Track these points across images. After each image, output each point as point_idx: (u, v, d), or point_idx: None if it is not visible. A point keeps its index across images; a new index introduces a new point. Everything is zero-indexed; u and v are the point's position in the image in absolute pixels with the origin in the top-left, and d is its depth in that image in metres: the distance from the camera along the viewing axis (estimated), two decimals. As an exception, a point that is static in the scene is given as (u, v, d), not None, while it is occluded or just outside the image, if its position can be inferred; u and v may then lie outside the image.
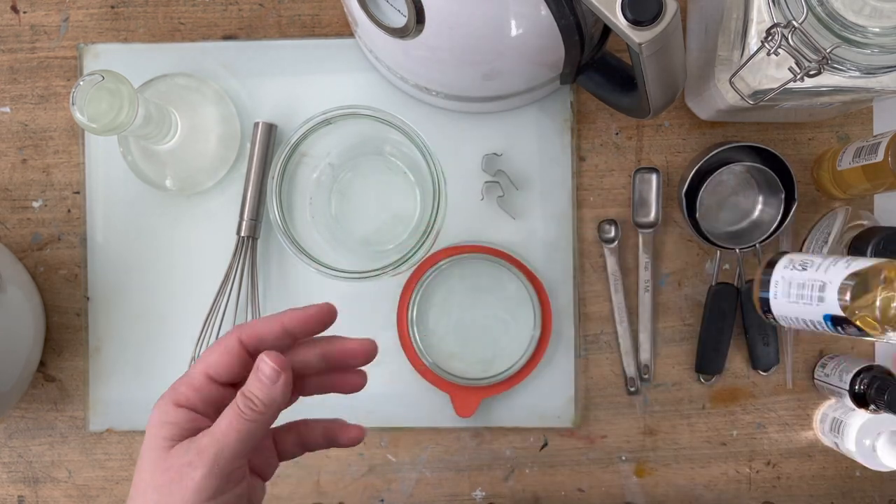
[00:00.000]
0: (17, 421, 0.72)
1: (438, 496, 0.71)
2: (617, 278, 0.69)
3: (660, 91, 0.54)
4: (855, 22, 0.49)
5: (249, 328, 0.44)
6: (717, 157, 0.66)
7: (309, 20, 0.71)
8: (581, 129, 0.70)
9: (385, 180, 0.69)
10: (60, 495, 0.72)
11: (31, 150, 0.71)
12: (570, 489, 0.71)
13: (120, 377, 0.70)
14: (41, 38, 0.71)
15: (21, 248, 0.71)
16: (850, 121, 0.70)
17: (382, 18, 0.55)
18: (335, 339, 0.47)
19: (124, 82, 0.57)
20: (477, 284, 0.69)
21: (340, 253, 0.66)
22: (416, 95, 0.67)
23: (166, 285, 0.70)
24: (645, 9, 0.45)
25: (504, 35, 0.54)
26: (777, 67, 0.53)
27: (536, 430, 0.71)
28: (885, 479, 0.71)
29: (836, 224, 0.66)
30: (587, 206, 0.70)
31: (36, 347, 0.67)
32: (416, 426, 0.70)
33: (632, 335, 0.70)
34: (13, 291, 0.63)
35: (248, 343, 0.44)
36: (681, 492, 0.71)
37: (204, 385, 0.44)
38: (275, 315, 0.45)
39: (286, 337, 0.45)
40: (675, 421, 0.71)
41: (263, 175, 0.67)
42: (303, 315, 0.45)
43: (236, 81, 0.69)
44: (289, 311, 0.45)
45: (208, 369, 0.44)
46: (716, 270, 0.69)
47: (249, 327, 0.44)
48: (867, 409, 0.63)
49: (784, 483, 0.71)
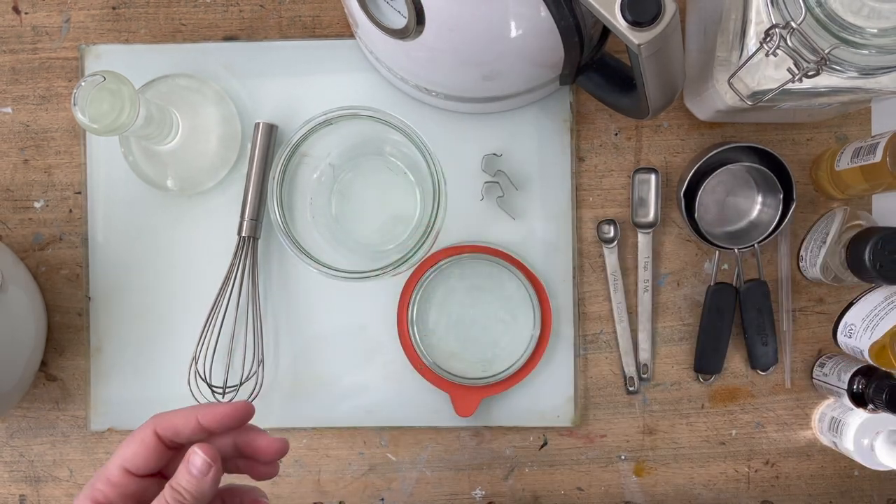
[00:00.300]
0: (19, 420, 0.72)
1: (438, 495, 0.72)
2: (616, 278, 0.70)
3: (659, 92, 0.54)
4: (853, 23, 0.49)
5: (166, 420, 0.44)
6: (715, 157, 0.66)
7: (309, 21, 0.71)
8: (580, 130, 0.70)
9: (385, 180, 0.69)
10: (62, 494, 0.72)
11: (33, 150, 0.71)
12: (570, 488, 0.71)
13: (121, 377, 0.70)
14: (43, 39, 0.71)
15: (23, 248, 0.72)
16: (848, 121, 0.70)
17: (382, 19, 0.55)
18: (250, 432, 0.47)
19: (126, 83, 0.58)
20: (477, 284, 0.69)
21: (340, 253, 0.66)
22: (416, 96, 0.67)
23: (167, 285, 0.70)
24: (644, 10, 0.45)
25: (504, 36, 0.54)
26: (775, 68, 0.53)
27: (536, 429, 0.71)
28: (883, 479, 0.71)
29: (834, 224, 0.66)
30: (586, 206, 0.70)
31: (37, 347, 0.67)
32: (415, 426, 0.71)
33: (631, 335, 0.70)
34: (15, 291, 0.63)
35: (163, 435, 0.44)
36: (680, 491, 0.71)
37: (121, 479, 0.44)
38: (191, 409, 0.45)
39: (202, 431, 0.44)
40: (674, 420, 0.71)
41: (264, 175, 0.68)
42: (219, 413, 0.44)
43: (237, 82, 0.70)
44: (205, 407, 0.45)
45: (125, 462, 0.44)
46: (714, 270, 0.69)
47: (165, 419, 0.44)
48: (865, 409, 0.64)
49: (783, 482, 0.71)
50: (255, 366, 0.68)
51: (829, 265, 0.66)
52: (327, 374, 0.70)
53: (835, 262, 0.65)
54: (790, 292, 0.70)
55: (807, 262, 0.69)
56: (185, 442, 0.44)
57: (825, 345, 0.71)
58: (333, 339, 0.70)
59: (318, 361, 0.70)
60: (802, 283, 0.70)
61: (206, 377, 0.68)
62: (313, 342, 0.70)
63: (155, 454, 0.44)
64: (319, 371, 0.70)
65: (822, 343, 0.71)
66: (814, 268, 0.67)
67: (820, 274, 0.67)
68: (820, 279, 0.67)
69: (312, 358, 0.70)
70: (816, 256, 0.67)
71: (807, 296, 0.70)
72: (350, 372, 0.70)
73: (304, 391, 0.70)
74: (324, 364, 0.70)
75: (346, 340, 0.70)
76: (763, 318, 0.68)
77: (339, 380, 0.70)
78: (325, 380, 0.70)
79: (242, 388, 0.68)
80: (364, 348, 0.70)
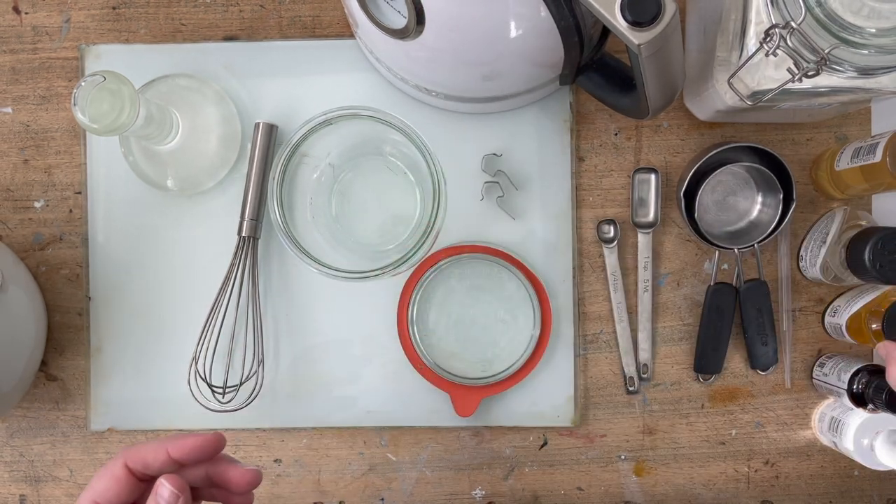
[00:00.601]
0: (19, 420, 0.72)
1: (438, 495, 0.72)
2: (616, 278, 0.70)
3: (659, 92, 0.54)
4: (853, 23, 0.49)
5: (136, 453, 0.44)
6: (715, 157, 0.66)
7: (309, 21, 0.71)
8: (580, 130, 0.70)
9: (385, 180, 0.69)
10: (62, 494, 0.72)
11: (33, 150, 0.71)
12: (570, 488, 0.71)
13: (121, 376, 0.70)
14: (43, 39, 0.71)
15: (23, 248, 0.72)
16: (848, 121, 0.70)
17: (382, 19, 0.55)
18: (222, 463, 0.47)
19: (126, 83, 0.58)
20: (477, 284, 0.69)
21: (340, 253, 0.66)
22: (416, 96, 0.67)
23: (167, 285, 0.70)
24: (644, 10, 0.45)
25: (504, 36, 0.54)
26: (775, 68, 0.53)
27: (536, 429, 0.71)
28: (883, 479, 0.71)
29: (834, 224, 0.66)
30: (586, 206, 0.70)
31: (38, 347, 0.67)
32: (415, 425, 0.71)
33: (631, 335, 0.70)
34: (15, 291, 0.63)
35: (134, 468, 0.44)
36: (680, 491, 0.71)
37: None
38: (161, 441, 0.45)
39: (172, 464, 0.45)
40: (673, 420, 0.71)
41: (264, 175, 0.68)
42: (188, 445, 0.45)
43: (237, 82, 0.70)
44: (175, 439, 0.45)
45: (96, 497, 0.44)
46: (714, 270, 0.69)
47: (135, 452, 0.44)
48: (865, 409, 0.64)
49: (782, 482, 0.71)
50: (256, 366, 0.68)
51: (829, 265, 0.66)
52: (327, 373, 0.70)
53: (835, 262, 0.65)
54: (790, 292, 0.70)
55: (807, 262, 0.69)
56: (155, 474, 0.44)
57: (825, 345, 0.71)
58: (333, 339, 0.70)
59: (318, 361, 0.70)
60: (802, 283, 0.70)
61: (206, 377, 0.68)
62: (313, 342, 0.70)
63: (126, 488, 0.44)
64: (319, 371, 0.70)
65: (822, 343, 0.71)
66: (814, 268, 0.67)
67: (820, 274, 0.67)
68: (820, 279, 0.67)
69: (312, 358, 0.70)
70: (816, 256, 0.67)
71: (807, 296, 0.70)
72: (350, 372, 0.70)
73: (305, 391, 0.70)
74: (324, 364, 0.70)
75: (346, 340, 0.70)
76: (763, 317, 0.68)
77: (339, 380, 0.70)
78: (325, 380, 0.70)
79: (242, 388, 0.68)
80: (364, 348, 0.70)
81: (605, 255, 0.70)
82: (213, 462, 0.46)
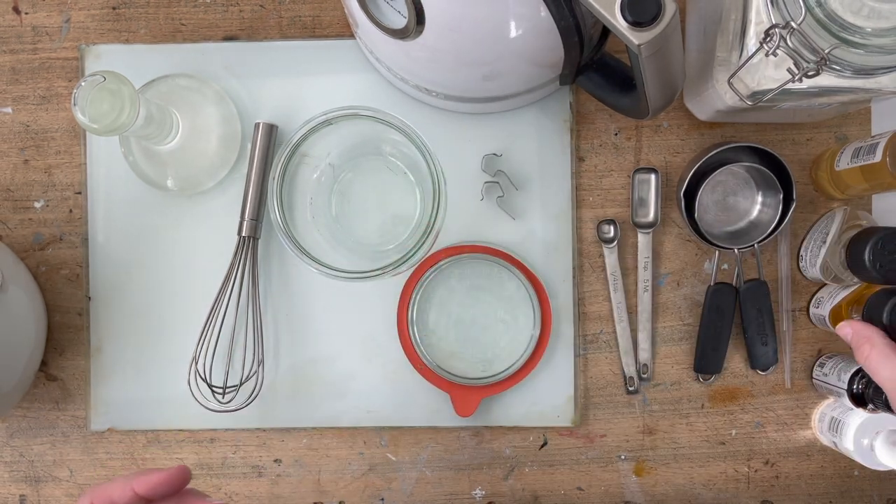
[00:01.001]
0: (19, 420, 0.72)
1: (438, 495, 0.72)
2: (616, 278, 0.70)
3: (659, 92, 0.54)
4: (853, 23, 0.49)
5: (101, 492, 0.45)
6: (715, 157, 0.66)
7: (309, 21, 0.71)
8: (580, 130, 0.70)
9: (385, 180, 0.69)
10: (62, 494, 0.72)
11: (33, 150, 0.71)
12: (570, 488, 0.71)
13: (121, 376, 0.70)
14: (43, 39, 0.71)
15: (23, 248, 0.72)
16: (848, 121, 0.70)
17: (382, 20, 0.55)
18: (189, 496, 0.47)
19: (126, 83, 0.58)
20: (476, 284, 0.69)
21: (340, 253, 0.66)
22: (416, 96, 0.67)
23: (167, 285, 0.70)
24: (644, 10, 0.45)
25: (504, 36, 0.54)
26: (775, 68, 0.53)
27: (536, 429, 0.71)
28: (883, 479, 0.71)
29: (834, 224, 0.66)
30: (586, 206, 0.70)
31: (38, 347, 0.67)
32: (415, 425, 0.71)
33: (631, 335, 0.70)
34: (15, 291, 0.63)
35: None
36: (680, 491, 0.71)
37: None
38: (126, 478, 0.45)
39: (138, 500, 0.45)
40: (674, 420, 0.71)
41: (264, 175, 0.68)
42: (153, 480, 0.45)
43: (237, 82, 0.70)
44: (140, 475, 0.45)
45: None
46: (714, 270, 0.69)
47: (101, 491, 0.45)
48: (865, 409, 0.64)
49: (782, 482, 0.71)
50: (255, 366, 0.68)
51: (829, 265, 0.66)
52: (327, 373, 0.70)
53: (835, 262, 0.65)
54: (790, 292, 0.70)
55: (807, 261, 0.69)
56: None
57: (825, 345, 0.71)
58: (333, 339, 0.70)
59: (318, 361, 0.70)
60: (802, 283, 0.70)
61: (206, 377, 0.68)
62: (313, 342, 0.70)
63: None
64: (319, 371, 0.70)
65: (822, 343, 0.71)
66: (814, 268, 0.67)
67: (820, 274, 0.67)
68: (820, 279, 0.67)
69: (312, 358, 0.70)
70: (816, 256, 0.67)
71: (807, 296, 0.70)
72: (350, 372, 0.70)
73: (304, 391, 0.70)
74: (324, 364, 0.70)
75: (346, 340, 0.70)
76: (763, 317, 0.69)
77: (339, 380, 0.70)
78: (325, 380, 0.70)
79: (242, 388, 0.68)
80: (364, 348, 0.70)
81: (605, 255, 0.70)
82: (180, 496, 0.47)
